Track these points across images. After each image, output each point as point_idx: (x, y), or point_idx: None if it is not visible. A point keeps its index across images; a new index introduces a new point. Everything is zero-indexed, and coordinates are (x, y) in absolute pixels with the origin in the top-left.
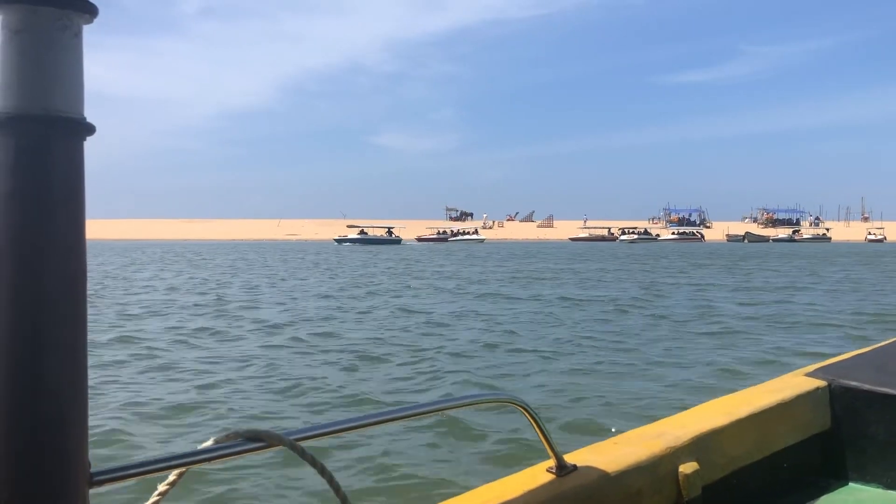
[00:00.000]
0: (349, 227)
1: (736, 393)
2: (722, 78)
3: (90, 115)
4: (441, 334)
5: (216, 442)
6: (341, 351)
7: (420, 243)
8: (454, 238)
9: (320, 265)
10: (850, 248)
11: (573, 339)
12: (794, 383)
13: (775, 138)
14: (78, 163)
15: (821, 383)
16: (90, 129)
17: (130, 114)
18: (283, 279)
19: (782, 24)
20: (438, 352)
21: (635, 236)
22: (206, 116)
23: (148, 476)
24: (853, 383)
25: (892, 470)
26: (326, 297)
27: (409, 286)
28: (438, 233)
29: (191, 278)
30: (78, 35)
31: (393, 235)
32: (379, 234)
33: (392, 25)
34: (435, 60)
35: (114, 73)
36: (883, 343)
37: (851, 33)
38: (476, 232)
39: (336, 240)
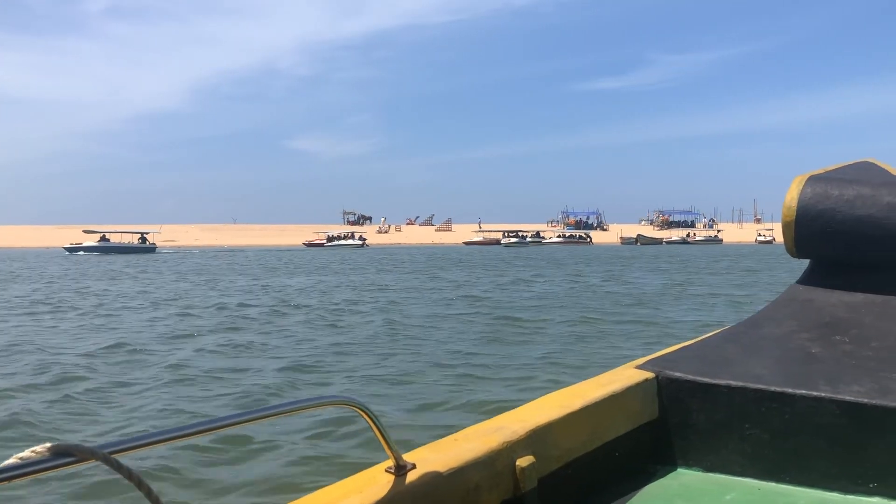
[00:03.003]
0: (86, 231)
1: (571, 386)
2: (631, 85)
3: None
4: None
5: (19, 458)
6: None
7: (175, 251)
8: (330, 244)
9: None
10: (731, 250)
11: None
12: (625, 376)
13: (676, 143)
14: None
15: (649, 375)
16: None
17: (34, 116)
18: None
19: (689, 33)
20: None
21: (514, 239)
22: (116, 119)
23: None
24: (678, 374)
25: (712, 454)
26: None
27: None
28: (328, 237)
29: None
30: None
31: (147, 243)
32: (128, 241)
33: (308, 29)
34: (353, 64)
35: (16, 74)
36: (704, 336)
37: (752, 45)
38: (353, 236)
39: (67, 248)
